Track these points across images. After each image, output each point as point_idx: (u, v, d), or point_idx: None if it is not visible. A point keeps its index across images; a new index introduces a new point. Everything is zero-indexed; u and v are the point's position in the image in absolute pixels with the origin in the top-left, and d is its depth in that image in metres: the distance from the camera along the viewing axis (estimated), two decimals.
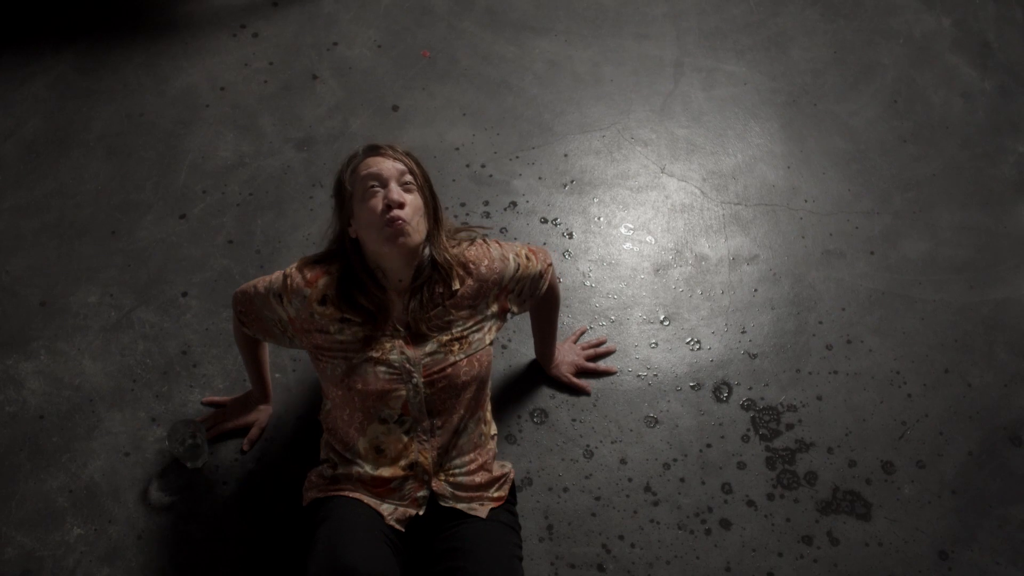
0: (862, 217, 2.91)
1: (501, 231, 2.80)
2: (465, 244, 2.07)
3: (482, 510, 2.02)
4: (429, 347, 1.98)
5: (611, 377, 2.55)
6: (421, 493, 2.00)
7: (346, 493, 2.00)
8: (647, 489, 2.37)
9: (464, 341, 2.01)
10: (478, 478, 2.06)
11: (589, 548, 2.27)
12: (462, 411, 2.03)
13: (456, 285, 2.00)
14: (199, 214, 2.80)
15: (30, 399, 2.44)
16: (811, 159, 3.05)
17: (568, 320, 2.64)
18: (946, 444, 2.48)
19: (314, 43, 3.26)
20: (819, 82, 3.27)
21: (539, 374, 2.52)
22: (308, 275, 2.00)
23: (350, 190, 1.98)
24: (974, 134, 3.15)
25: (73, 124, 3.00)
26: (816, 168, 3.03)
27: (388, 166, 1.96)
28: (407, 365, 1.97)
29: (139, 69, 3.16)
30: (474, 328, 2.04)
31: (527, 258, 2.14)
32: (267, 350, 2.39)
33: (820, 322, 2.68)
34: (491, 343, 2.08)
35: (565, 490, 2.36)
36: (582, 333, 2.63)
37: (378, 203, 1.91)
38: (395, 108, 3.09)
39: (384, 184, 1.94)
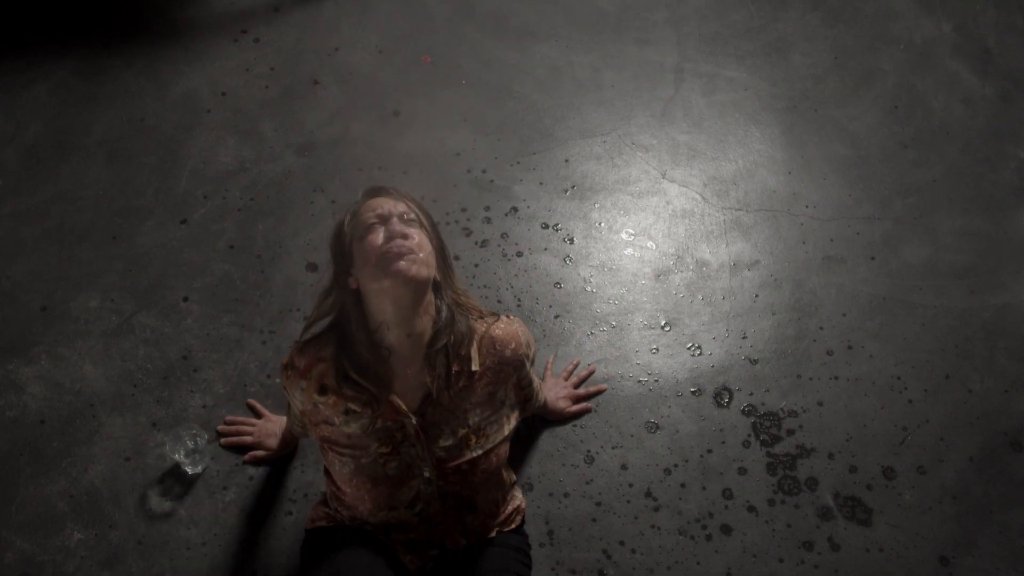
0: (863, 223, 2.91)
1: (502, 236, 2.80)
2: (489, 319, 1.90)
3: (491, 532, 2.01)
4: (444, 441, 1.83)
5: (612, 382, 2.54)
6: (433, 552, 1.96)
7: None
8: (648, 495, 2.37)
9: (481, 434, 1.87)
10: (492, 522, 2.02)
11: (590, 554, 2.27)
12: (480, 495, 1.94)
13: (476, 365, 1.83)
14: (200, 219, 2.80)
15: (31, 404, 2.44)
16: (812, 165, 3.05)
17: (569, 326, 2.64)
18: (947, 450, 2.48)
19: (315, 48, 3.26)
20: (820, 87, 3.27)
21: None
22: (302, 364, 1.84)
23: (349, 234, 1.82)
24: (975, 139, 3.15)
25: (74, 129, 3.00)
26: (817, 174, 3.03)
27: (390, 204, 1.82)
28: (419, 461, 1.84)
29: (140, 74, 3.16)
30: (492, 418, 1.89)
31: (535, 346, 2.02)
32: None
33: (821, 328, 2.68)
34: (509, 434, 1.95)
35: (566, 495, 2.36)
36: (574, 367, 2.56)
37: (378, 236, 1.75)
38: (396, 113, 3.09)
39: (386, 220, 1.78)
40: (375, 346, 1.78)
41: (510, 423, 1.95)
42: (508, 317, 1.93)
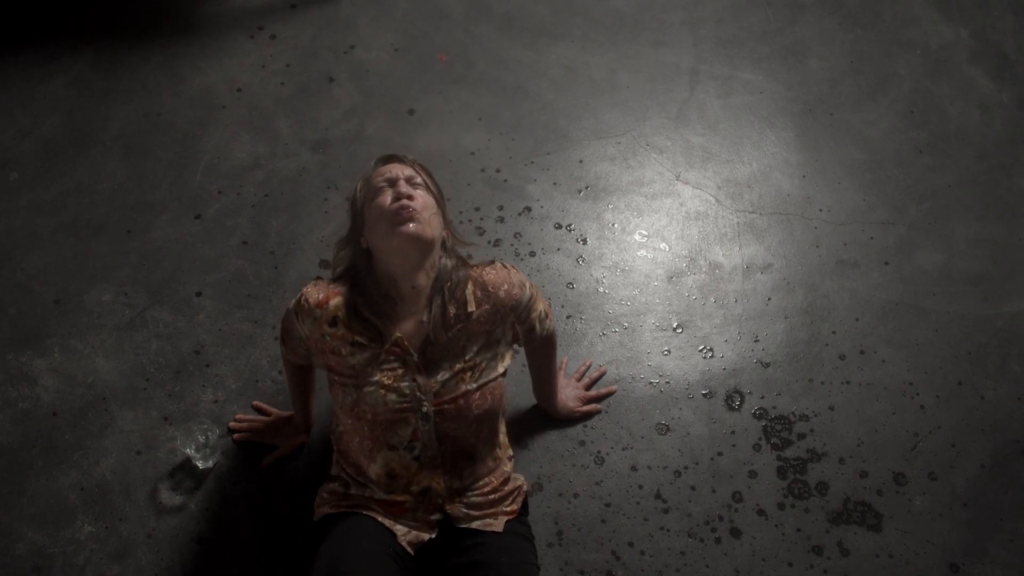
0: (877, 227, 2.90)
1: (515, 236, 2.80)
2: (483, 266, 2.05)
3: (497, 524, 2.00)
4: (441, 375, 1.93)
5: (623, 384, 2.54)
6: (435, 516, 1.98)
7: (359, 510, 1.98)
8: (657, 496, 2.37)
9: (476, 369, 1.95)
10: (492, 496, 2.04)
11: (599, 555, 2.27)
12: (474, 441, 2.00)
13: (472, 307, 1.97)
14: (214, 214, 2.81)
15: (43, 396, 2.45)
16: (826, 169, 3.04)
17: (581, 327, 2.64)
18: (958, 456, 2.47)
19: (331, 46, 3.27)
20: (836, 92, 3.26)
21: None
22: (320, 296, 1.99)
23: (361, 198, 2.02)
24: (990, 146, 3.14)
25: (91, 123, 3.02)
26: (831, 178, 3.02)
27: (398, 169, 2.02)
28: (418, 393, 1.91)
29: (157, 69, 3.17)
30: (488, 356, 1.99)
31: (534, 288, 2.10)
32: (315, 381, 2.33)
33: (833, 332, 2.67)
34: (504, 373, 2.03)
35: (575, 496, 2.36)
36: (587, 368, 2.58)
37: (387, 198, 1.95)
38: (411, 112, 3.09)
39: (393, 183, 1.98)
40: (383, 296, 1.96)
41: (504, 361, 2.04)
42: (503, 264, 2.07)
